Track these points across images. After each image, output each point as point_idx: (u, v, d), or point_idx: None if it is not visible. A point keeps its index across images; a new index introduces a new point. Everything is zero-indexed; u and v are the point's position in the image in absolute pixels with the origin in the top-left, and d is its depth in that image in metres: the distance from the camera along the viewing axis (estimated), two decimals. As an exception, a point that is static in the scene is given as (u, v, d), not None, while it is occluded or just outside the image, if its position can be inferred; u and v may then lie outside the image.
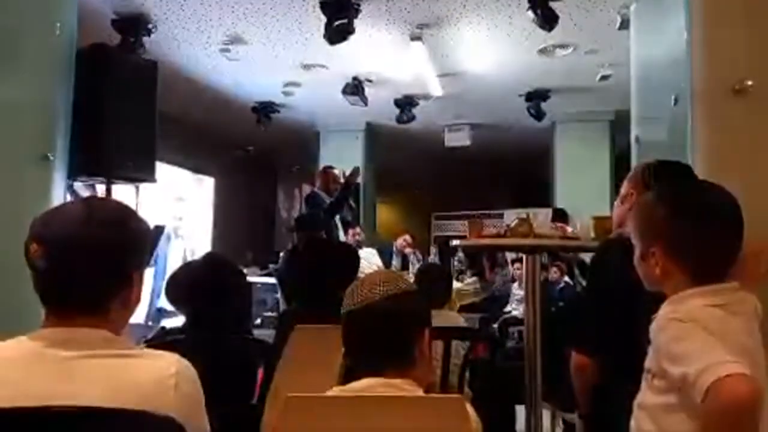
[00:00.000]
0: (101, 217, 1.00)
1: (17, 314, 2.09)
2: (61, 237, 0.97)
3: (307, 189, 9.42)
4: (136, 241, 1.05)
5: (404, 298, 1.17)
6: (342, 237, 5.12)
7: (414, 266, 5.86)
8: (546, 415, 2.50)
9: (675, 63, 2.31)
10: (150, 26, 4.55)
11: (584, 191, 6.56)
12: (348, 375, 1.15)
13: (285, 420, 1.03)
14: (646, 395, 1.12)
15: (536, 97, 6.19)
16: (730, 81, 1.96)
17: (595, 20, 4.40)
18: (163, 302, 5.60)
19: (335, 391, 1.13)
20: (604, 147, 7.03)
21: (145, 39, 4.56)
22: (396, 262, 6.28)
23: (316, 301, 2.07)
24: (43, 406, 0.88)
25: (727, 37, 2.03)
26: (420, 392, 1.12)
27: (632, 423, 1.14)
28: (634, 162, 2.93)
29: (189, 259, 6.72)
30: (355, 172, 4.85)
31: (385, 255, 6.13)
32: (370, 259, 5.50)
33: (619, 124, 6.63)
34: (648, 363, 1.11)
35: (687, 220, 1.13)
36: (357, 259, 2.35)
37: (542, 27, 3.98)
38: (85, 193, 3.90)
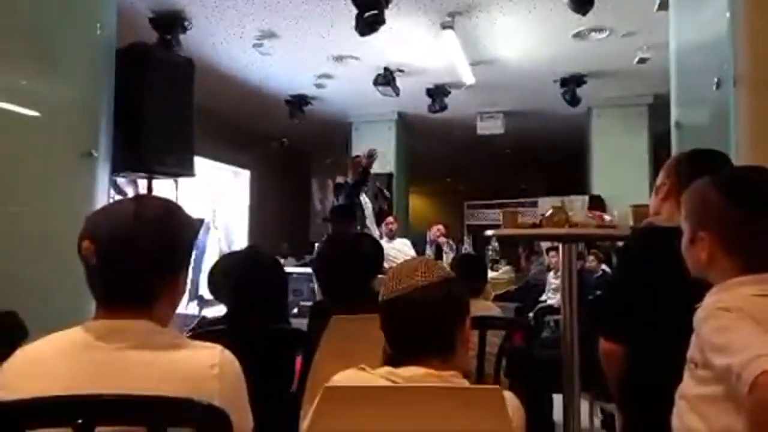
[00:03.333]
0: (150, 215, 1.04)
1: (67, 303, 2.19)
2: (111, 235, 1.01)
3: (340, 180, 9.49)
4: (182, 238, 1.09)
5: (446, 286, 1.16)
6: (373, 226, 5.15)
7: (447, 255, 5.86)
8: (584, 405, 2.48)
9: (717, 45, 2.23)
10: (186, 23, 4.64)
11: (622, 178, 6.42)
12: (389, 363, 1.15)
13: (323, 409, 1.05)
14: (688, 385, 1.09)
15: (571, 83, 6.07)
16: (776, 62, 1.89)
17: (632, 2, 4.27)
18: (203, 291, 5.75)
19: (382, 372, 1.11)
20: (642, 132, 6.85)
21: (181, 36, 4.66)
22: (429, 252, 6.28)
23: (346, 293, 2.09)
24: (93, 394, 0.92)
25: (772, 16, 1.96)
26: (466, 383, 1.12)
27: (674, 413, 1.12)
28: (674, 148, 2.85)
29: (225, 250, 6.88)
30: (372, 154, 4.79)
31: (419, 245, 6.14)
32: (403, 250, 5.52)
33: (658, 109, 6.43)
34: (691, 352, 1.09)
35: (742, 207, 1.10)
36: (381, 252, 2.37)
37: (576, 11, 3.89)
38: (127, 187, 4.03)
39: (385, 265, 2.59)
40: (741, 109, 1.98)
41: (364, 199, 5.16)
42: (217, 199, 7.38)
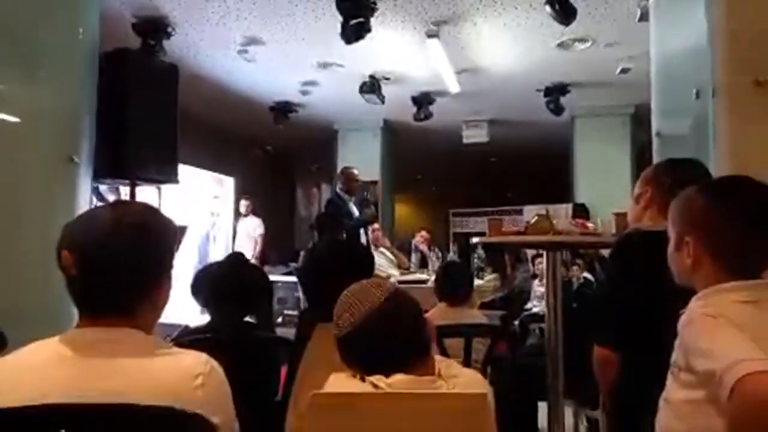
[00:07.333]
0: (129, 222, 1.02)
1: (46, 312, 2.15)
2: (89, 244, 1.00)
3: (325, 188, 9.47)
4: (163, 244, 1.07)
5: (398, 293, 1.19)
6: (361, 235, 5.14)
7: (433, 263, 5.85)
8: (568, 412, 2.49)
9: (696, 55, 2.27)
10: (169, 29, 4.61)
11: (605, 186, 6.49)
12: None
13: (309, 417, 1.04)
14: (672, 390, 1.10)
15: (555, 92, 6.13)
16: (753, 73, 1.93)
17: (615, 12, 4.34)
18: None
19: (371, 379, 1.11)
20: (625, 141, 6.95)
21: (165, 42, 4.63)
22: (414, 259, 6.28)
23: (334, 302, 2.07)
24: (73, 403, 0.90)
25: (749, 27, 2.00)
26: (444, 385, 1.12)
27: (657, 417, 1.13)
28: (655, 157, 2.89)
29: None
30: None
31: (404, 253, 6.14)
32: (389, 257, 5.52)
33: (640, 118, 6.54)
34: (674, 357, 1.10)
35: (727, 213, 1.12)
36: (372, 260, 2.36)
37: (560, 21, 3.94)
38: (109, 194, 3.98)
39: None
40: (720, 119, 2.02)
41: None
42: (215, 209, 7.30)
